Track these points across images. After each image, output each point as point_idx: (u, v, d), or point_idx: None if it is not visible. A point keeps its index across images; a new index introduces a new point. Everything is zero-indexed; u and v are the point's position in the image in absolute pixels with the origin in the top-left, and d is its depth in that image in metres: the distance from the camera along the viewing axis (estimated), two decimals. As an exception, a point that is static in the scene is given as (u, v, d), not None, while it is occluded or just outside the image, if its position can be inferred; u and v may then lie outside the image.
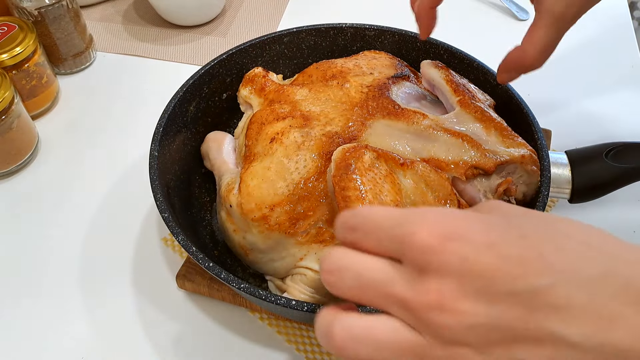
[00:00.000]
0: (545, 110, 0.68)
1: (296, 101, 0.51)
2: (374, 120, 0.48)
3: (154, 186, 0.47)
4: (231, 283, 0.41)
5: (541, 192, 0.46)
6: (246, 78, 0.56)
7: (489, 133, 0.46)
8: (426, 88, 0.53)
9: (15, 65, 0.65)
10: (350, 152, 0.42)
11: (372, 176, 0.41)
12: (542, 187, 0.46)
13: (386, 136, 0.47)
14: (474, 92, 0.50)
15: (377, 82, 0.52)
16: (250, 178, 0.46)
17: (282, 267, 0.47)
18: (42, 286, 0.55)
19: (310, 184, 0.45)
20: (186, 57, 0.79)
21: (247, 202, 0.45)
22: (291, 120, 0.49)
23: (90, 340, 0.51)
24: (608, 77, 0.74)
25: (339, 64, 0.55)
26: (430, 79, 0.51)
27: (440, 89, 0.50)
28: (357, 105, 0.50)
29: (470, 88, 0.50)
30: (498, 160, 0.45)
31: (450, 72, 0.50)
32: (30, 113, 0.68)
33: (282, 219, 0.45)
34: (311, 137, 0.47)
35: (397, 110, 0.48)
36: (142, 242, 0.58)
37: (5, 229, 0.60)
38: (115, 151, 0.67)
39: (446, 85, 0.49)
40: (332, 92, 0.52)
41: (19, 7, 0.69)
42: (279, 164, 0.46)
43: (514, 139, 0.47)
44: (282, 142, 0.47)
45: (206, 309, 0.52)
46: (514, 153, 0.45)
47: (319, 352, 0.49)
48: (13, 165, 0.64)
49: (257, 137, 0.49)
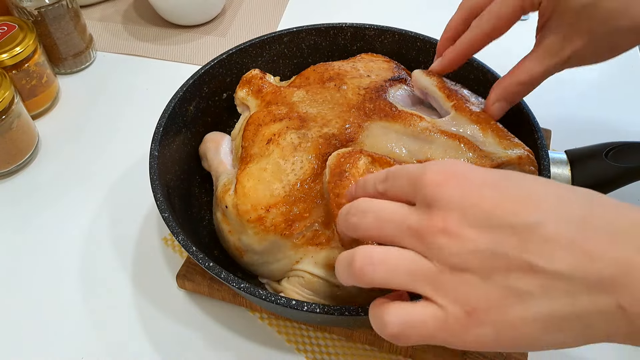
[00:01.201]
0: (545, 110, 0.68)
1: (293, 103, 0.51)
2: (370, 122, 0.48)
3: (154, 186, 0.47)
4: (231, 283, 0.41)
5: (541, 192, 0.46)
6: (243, 80, 0.56)
7: (485, 134, 0.46)
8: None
9: (15, 65, 0.65)
10: (345, 158, 0.42)
11: None
12: (542, 187, 0.46)
13: (383, 138, 0.47)
14: (467, 97, 0.50)
15: (375, 84, 0.52)
16: (246, 179, 0.46)
17: (277, 269, 0.47)
18: (42, 286, 0.55)
19: (306, 186, 0.45)
20: (186, 57, 0.79)
21: (243, 203, 0.45)
22: (288, 121, 0.49)
23: (90, 340, 0.51)
24: (608, 77, 0.74)
25: (336, 67, 0.55)
26: (423, 87, 0.50)
27: (433, 97, 0.49)
28: (354, 107, 0.50)
29: (464, 93, 0.50)
30: (494, 162, 0.45)
31: (442, 79, 0.50)
32: (30, 113, 0.68)
33: (277, 221, 0.44)
34: (308, 139, 0.47)
35: (394, 113, 0.48)
36: (142, 242, 0.58)
37: (5, 229, 0.60)
38: (115, 151, 0.67)
39: (439, 91, 0.49)
40: (329, 94, 0.52)
41: (19, 7, 0.69)
42: (275, 165, 0.46)
43: (511, 139, 0.46)
44: (279, 143, 0.47)
45: (206, 308, 0.53)
46: (511, 154, 0.45)
47: (319, 352, 0.49)
48: (13, 165, 0.64)
49: (253, 138, 0.49)
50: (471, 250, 0.28)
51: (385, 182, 0.33)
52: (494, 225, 0.28)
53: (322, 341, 0.50)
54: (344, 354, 0.49)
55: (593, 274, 0.26)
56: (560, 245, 0.27)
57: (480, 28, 0.45)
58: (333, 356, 0.49)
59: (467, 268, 0.28)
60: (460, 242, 0.28)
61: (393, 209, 0.31)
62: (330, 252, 0.44)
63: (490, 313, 0.28)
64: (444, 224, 0.29)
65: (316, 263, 0.45)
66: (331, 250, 0.44)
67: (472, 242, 0.28)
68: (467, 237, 0.28)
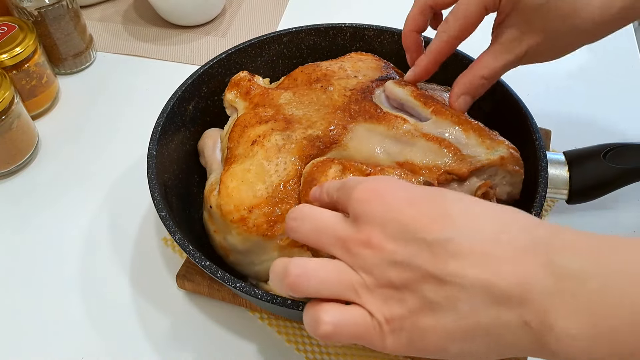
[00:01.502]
0: (545, 110, 0.68)
1: (280, 105, 0.51)
2: (355, 124, 0.48)
3: (151, 185, 0.47)
4: (227, 282, 0.41)
5: (538, 192, 0.46)
6: (232, 82, 0.56)
7: (468, 135, 0.46)
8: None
9: (15, 65, 0.65)
10: (317, 167, 0.43)
11: None
12: (539, 187, 0.46)
13: (367, 140, 0.47)
14: (444, 99, 0.50)
15: (361, 85, 0.52)
16: (229, 179, 0.46)
17: (262, 271, 0.47)
18: (42, 286, 0.55)
19: (289, 187, 0.45)
20: (186, 57, 0.79)
21: (226, 203, 0.45)
22: (273, 123, 0.49)
23: (90, 340, 0.51)
24: (608, 77, 0.74)
25: (323, 67, 0.55)
26: (398, 98, 0.50)
27: (409, 106, 0.49)
28: (340, 109, 0.50)
29: (441, 95, 0.50)
30: (472, 167, 0.45)
31: (415, 87, 0.50)
32: (30, 113, 0.68)
33: (260, 221, 0.44)
34: (292, 140, 0.47)
35: (378, 114, 0.48)
36: (141, 242, 0.58)
37: (5, 229, 0.60)
38: (115, 151, 0.67)
39: (415, 100, 0.48)
40: (315, 95, 0.52)
41: (19, 7, 0.69)
42: (258, 166, 0.46)
43: (494, 137, 0.46)
44: (263, 144, 0.47)
45: (206, 309, 0.53)
46: (492, 156, 0.45)
47: (318, 352, 0.49)
48: (13, 165, 0.64)
49: (239, 139, 0.49)
50: (390, 262, 0.30)
51: (338, 191, 0.35)
52: (409, 238, 0.30)
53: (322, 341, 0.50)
54: (344, 354, 0.49)
55: (498, 289, 0.27)
56: (468, 260, 0.28)
57: (447, 32, 0.46)
58: (333, 356, 0.49)
59: (386, 278, 0.30)
60: (380, 253, 0.30)
61: (329, 218, 0.34)
62: (315, 255, 0.44)
63: (405, 321, 0.30)
64: (366, 237, 0.31)
65: None
66: (316, 253, 0.44)
67: (391, 254, 0.30)
68: (386, 249, 0.30)
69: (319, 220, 0.34)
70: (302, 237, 0.35)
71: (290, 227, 0.35)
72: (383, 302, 0.30)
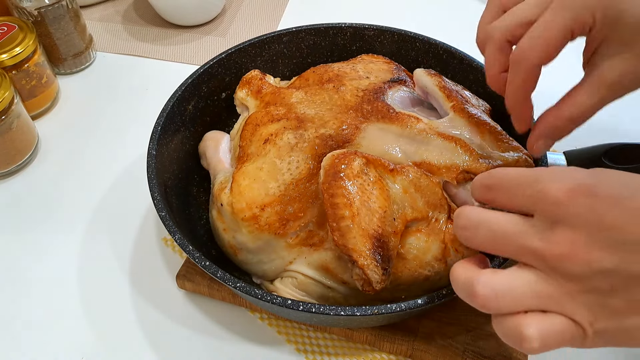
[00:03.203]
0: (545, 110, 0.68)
1: (291, 103, 0.51)
2: (368, 124, 0.48)
3: (151, 185, 0.47)
4: (227, 282, 0.41)
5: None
6: (243, 80, 0.56)
7: (483, 137, 0.46)
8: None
9: (15, 65, 0.65)
10: (339, 159, 0.42)
11: (361, 183, 0.41)
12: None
13: (379, 140, 0.47)
14: (467, 98, 0.50)
15: (373, 86, 0.52)
16: (242, 178, 0.46)
17: (271, 269, 0.47)
18: (42, 286, 0.55)
19: (301, 185, 0.45)
20: (186, 57, 0.79)
21: (238, 201, 0.45)
22: (285, 122, 0.49)
23: (90, 340, 0.51)
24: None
25: (335, 68, 0.55)
26: (423, 86, 0.50)
27: (433, 96, 0.50)
28: (352, 108, 0.50)
29: (464, 94, 0.50)
30: (490, 165, 0.45)
31: (443, 79, 0.50)
32: (30, 113, 0.68)
33: (272, 220, 0.45)
34: (304, 139, 0.47)
35: (391, 114, 0.48)
36: (142, 242, 0.58)
37: (5, 229, 0.60)
38: (115, 151, 0.67)
39: (439, 91, 0.49)
40: (327, 95, 0.52)
41: (18, 7, 0.69)
42: (271, 165, 0.46)
43: (509, 142, 0.46)
44: (276, 143, 0.47)
45: (206, 309, 0.53)
46: (508, 157, 0.45)
47: (318, 352, 0.49)
48: (13, 165, 0.64)
49: (251, 138, 0.49)
50: (597, 271, 0.28)
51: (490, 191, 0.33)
52: (620, 242, 0.28)
53: (322, 341, 0.50)
54: (343, 354, 0.49)
55: None
56: None
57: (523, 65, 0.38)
58: (333, 356, 0.49)
59: (591, 285, 0.28)
60: (587, 265, 0.28)
61: (507, 224, 0.31)
62: (324, 254, 0.44)
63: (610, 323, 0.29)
64: (571, 248, 0.28)
65: (309, 264, 0.45)
66: (324, 252, 0.44)
67: (598, 262, 0.28)
68: (593, 258, 0.28)
69: (496, 227, 0.31)
70: (479, 247, 0.32)
71: (463, 238, 0.33)
72: (587, 309, 0.29)
